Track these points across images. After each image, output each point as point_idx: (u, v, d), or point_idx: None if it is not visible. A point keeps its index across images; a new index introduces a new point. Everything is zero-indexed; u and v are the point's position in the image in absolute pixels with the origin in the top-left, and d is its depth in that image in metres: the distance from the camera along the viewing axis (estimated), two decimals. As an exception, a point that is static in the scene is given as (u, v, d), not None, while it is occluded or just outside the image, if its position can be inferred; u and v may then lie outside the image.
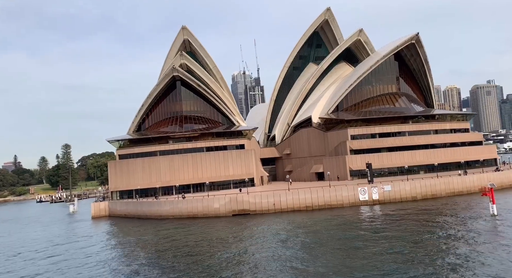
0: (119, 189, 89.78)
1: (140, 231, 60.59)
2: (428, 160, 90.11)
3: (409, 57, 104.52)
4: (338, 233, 46.11)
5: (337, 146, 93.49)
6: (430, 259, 32.34)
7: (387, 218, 53.74)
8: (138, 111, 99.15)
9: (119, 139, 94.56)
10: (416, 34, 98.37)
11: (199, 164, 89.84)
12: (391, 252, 35.36)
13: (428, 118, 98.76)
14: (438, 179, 70.52)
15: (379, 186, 67.88)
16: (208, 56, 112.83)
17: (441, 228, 44.35)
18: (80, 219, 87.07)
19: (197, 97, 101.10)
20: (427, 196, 68.96)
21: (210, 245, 45.28)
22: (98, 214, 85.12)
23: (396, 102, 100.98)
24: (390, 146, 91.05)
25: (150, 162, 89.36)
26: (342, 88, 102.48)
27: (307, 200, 66.71)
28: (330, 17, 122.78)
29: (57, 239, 60.42)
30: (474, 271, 28.55)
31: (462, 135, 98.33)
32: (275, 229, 51.72)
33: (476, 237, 38.68)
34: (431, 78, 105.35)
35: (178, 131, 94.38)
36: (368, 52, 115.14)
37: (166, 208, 72.41)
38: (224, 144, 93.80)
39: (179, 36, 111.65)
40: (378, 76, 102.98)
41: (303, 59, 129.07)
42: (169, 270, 35.93)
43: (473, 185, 72.07)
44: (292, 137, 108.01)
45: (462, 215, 51.30)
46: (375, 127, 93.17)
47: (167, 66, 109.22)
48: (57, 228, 74.75)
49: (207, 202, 68.78)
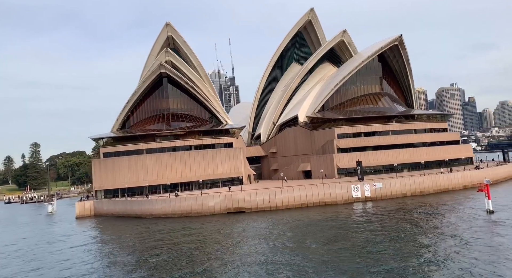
0: (104, 188, 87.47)
1: (135, 230, 59.25)
2: (411, 159, 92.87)
3: (391, 58, 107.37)
4: (342, 231, 46.82)
5: (324, 145, 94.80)
6: (437, 253, 33.47)
7: (387, 213, 55.07)
8: (122, 108, 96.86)
9: (104, 137, 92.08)
10: (400, 36, 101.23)
11: (187, 163, 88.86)
12: (388, 250, 36.31)
13: (410, 118, 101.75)
14: (426, 177, 72.90)
15: (371, 183, 69.40)
16: (192, 53, 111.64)
17: (443, 224, 45.88)
18: (63, 219, 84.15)
19: (183, 95, 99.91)
20: (416, 193, 71.15)
21: (206, 243, 45.02)
22: (83, 214, 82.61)
23: (380, 102, 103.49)
24: (375, 145, 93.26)
25: (136, 160, 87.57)
26: (328, 88, 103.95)
27: (302, 198, 67.35)
28: (314, 17, 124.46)
29: (49, 239, 58.22)
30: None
31: (442, 134, 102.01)
32: (272, 227, 51.97)
33: (478, 231, 40.36)
34: (412, 79, 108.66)
35: (166, 129, 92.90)
36: (351, 53, 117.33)
37: (158, 207, 71.17)
38: (213, 142, 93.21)
39: (163, 33, 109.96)
40: (362, 76, 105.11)
41: (286, 58, 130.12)
42: (168, 268, 35.43)
43: (457, 182, 75.13)
44: (278, 136, 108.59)
45: (459, 210, 53.20)
46: (360, 126, 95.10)
47: (150, 62, 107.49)
48: (44, 229, 71.87)
49: (202, 200, 68.15)
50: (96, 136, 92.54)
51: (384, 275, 28.83)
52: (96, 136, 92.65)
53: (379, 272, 29.38)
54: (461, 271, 28.45)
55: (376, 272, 29.55)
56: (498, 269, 28.22)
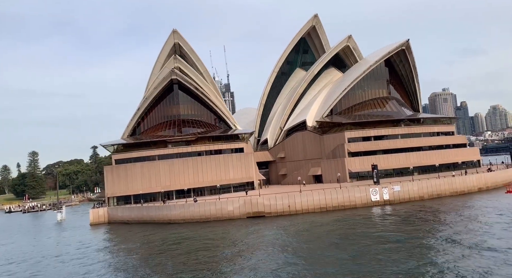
0: (117, 195, 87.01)
1: (156, 236, 58.97)
2: (421, 162, 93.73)
3: (398, 63, 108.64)
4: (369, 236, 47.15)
5: (334, 149, 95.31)
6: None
7: (415, 217, 55.51)
8: (133, 115, 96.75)
9: (116, 144, 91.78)
10: (407, 41, 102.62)
11: (199, 168, 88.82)
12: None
13: (417, 121, 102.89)
14: (442, 180, 73.63)
15: (389, 187, 69.90)
16: (199, 60, 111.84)
17: (479, 224, 46.42)
18: (76, 227, 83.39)
19: (194, 101, 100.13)
20: (433, 195, 71.80)
21: (231, 248, 45.11)
22: (97, 221, 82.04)
23: (387, 106, 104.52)
24: (385, 149, 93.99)
25: (149, 167, 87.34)
26: (335, 93, 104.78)
27: (321, 202, 67.62)
28: (317, 23, 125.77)
29: (76, 245, 57.72)
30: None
31: (450, 137, 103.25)
32: (298, 231, 52.16)
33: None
34: (418, 83, 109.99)
35: (177, 135, 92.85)
36: (356, 58, 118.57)
37: (176, 212, 70.99)
38: (224, 148, 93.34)
39: (170, 40, 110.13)
40: (369, 81, 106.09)
41: (290, 64, 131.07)
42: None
43: (472, 185, 76.01)
44: (286, 141, 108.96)
45: (492, 212, 53.50)
46: (370, 130, 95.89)
47: (157, 69, 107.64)
48: (64, 236, 71.12)
49: (221, 205, 68.14)
50: (107, 143, 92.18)
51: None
52: (108, 143, 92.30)
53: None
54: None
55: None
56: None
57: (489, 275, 28.04)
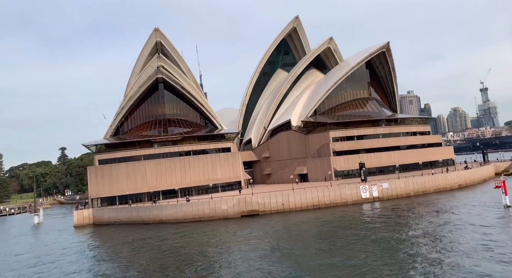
0: (101, 196, 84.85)
1: (152, 236, 58.12)
2: (402, 161, 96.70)
3: (378, 64, 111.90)
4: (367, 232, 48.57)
5: (319, 148, 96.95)
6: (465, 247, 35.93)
7: (407, 212, 57.46)
8: (116, 115, 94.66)
9: (99, 144, 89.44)
10: (387, 43, 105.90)
11: (187, 168, 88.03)
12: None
13: (397, 121, 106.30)
14: (426, 177, 76.56)
15: (378, 184, 71.95)
16: (181, 59, 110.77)
17: (470, 219, 48.74)
18: (58, 229, 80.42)
19: (179, 100, 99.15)
20: (418, 192, 74.52)
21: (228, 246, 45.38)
22: (81, 223, 79.57)
23: (369, 106, 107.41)
24: (368, 148, 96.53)
25: (135, 167, 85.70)
26: (318, 93, 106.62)
27: (314, 199, 68.77)
28: (298, 25, 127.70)
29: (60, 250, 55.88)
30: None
31: (427, 137, 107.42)
32: (300, 228, 52.98)
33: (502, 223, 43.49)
34: (396, 84, 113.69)
35: (163, 134, 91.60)
36: (336, 60, 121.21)
37: (168, 212, 70.11)
38: (211, 147, 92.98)
39: (151, 38, 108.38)
40: (351, 82, 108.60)
41: (272, 65, 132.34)
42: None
43: (454, 181, 79.51)
44: (270, 141, 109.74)
45: (479, 206, 56.14)
46: (353, 130, 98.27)
47: (138, 68, 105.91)
48: (52, 239, 68.53)
49: (214, 204, 67.90)
50: (90, 143, 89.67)
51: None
52: (91, 143, 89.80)
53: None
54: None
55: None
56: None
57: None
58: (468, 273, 28.20)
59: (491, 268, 28.69)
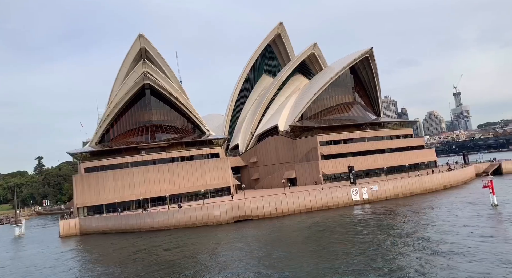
0: (87, 205, 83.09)
1: (148, 244, 57.20)
2: (387, 163, 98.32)
3: (361, 69, 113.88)
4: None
5: (307, 152, 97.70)
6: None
7: (400, 213, 58.44)
8: (101, 122, 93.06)
9: (85, 151, 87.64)
10: (370, 49, 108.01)
11: (175, 175, 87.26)
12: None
13: (382, 125, 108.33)
14: (413, 179, 78.22)
15: (368, 187, 73.01)
16: (166, 65, 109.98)
17: (459, 217, 50.02)
18: (43, 240, 78.08)
19: (166, 106, 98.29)
20: (406, 193, 76.02)
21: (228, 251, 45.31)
22: (67, 233, 77.50)
23: (354, 110, 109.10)
24: (355, 151, 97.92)
25: (122, 175, 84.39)
26: (304, 98, 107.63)
27: (306, 203, 69.19)
28: (282, 31, 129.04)
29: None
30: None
31: (411, 140, 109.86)
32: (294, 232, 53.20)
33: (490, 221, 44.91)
34: (379, 89, 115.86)
35: (151, 141, 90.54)
36: (320, 65, 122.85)
37: (159, 219, 69.16)
38: (200, 153, 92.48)
39: (136, 44, 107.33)
40: (335, 87, 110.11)
41: (256, 70, 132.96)
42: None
43: (439, 183, 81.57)
44: (258, 146, 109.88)
45: (468, 205, 57.66)
46: (340, 134, 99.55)
47: (122, 74, 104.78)
48: (33, 252, 66.45)
49: (207, 210, 67.42)
50: (75, 151, 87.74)
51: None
52: (76, 150, 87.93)
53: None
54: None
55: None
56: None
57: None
58: (465, 271, 28.87)
59: (489, 266, 29.48)
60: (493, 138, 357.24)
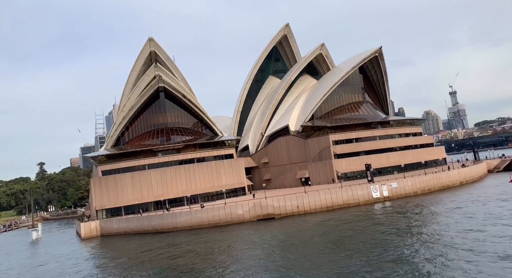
0: (106, 207, 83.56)
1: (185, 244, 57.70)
2: (400, 161, 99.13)
3: (370, 68, 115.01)
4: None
5: (320, 152, 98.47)
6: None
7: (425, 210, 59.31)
8: (117, 125, 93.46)
9: (103, 154, 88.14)
10: (380, 48, 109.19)
11: (192, 176, 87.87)
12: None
13: (392, 123, 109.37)
14: (430, 175, 79.14)
15: (388, 184, 73.85)
16: (176, 68, 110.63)
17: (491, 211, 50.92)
18: (65, 242, 78.45)
19: (179, 108, 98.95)
20: (424, 190, 76.85)
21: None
22: (89, 235, 77.98)
23: (364, 109, 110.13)
24: (367, 150, 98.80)
25: (140, 177, 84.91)
26: (314, 98, 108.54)
27: (328, 201, 69.86)
28: (289, 32, 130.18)
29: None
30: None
31: (421, 138, 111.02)
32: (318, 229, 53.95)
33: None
34: (388, 88, 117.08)
35: (167, 143, 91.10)
36: (328, 65, 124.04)
37: (182, 219, 69.71)
38: (214, 154, 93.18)
39: (145, 48, 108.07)
40: (345, 86, 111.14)
41: (263, 72, 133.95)
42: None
43: (455, 179, 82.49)
44: (269, 146, 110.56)
45: (497, 199, 58.44)
46: (351, 133, 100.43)
47: (132, 78, 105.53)
48: (68, 252, 66.70)
49: (230, 209, 68.06)
50: (94, 154, 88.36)
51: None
52: (94, 154, 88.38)
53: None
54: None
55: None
56: None
57: None
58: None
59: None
60: (492, 136, 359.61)
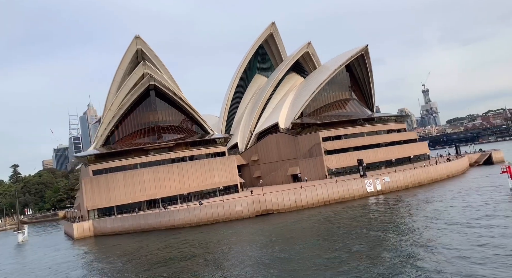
0: (98, 207, 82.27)
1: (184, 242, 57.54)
2: (386, 156, 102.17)
3: (356, 66, 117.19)
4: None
5: (310, 149, 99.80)
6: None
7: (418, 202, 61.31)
8: (106, 124, 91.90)
9: (92, 154, 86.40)
10: (366, 46, 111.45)
11: (185, 174, 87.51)
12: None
13: (374, 120, 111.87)
14: (421, 169, 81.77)
15: (381, 178, 75.79)
16: (163, 66, 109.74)
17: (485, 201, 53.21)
18: (56, 244, 76.65)
19: (170, 107, 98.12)
20: (415, 184, 79.31)
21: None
22: (82, 235, 76.51)
23: (351, 106, 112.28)
24: (355, 146, 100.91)
25: (132, 175, 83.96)
26: (303, 96, 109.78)
27: (324, 196, 71.13)
28: (275, 31, 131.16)
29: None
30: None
31: (406, 134, 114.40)
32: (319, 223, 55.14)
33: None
34: (373, 85, 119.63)
35: (158, 141, 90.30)
36: (314, 64, 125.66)
37: (180, 217, 69.43)
38: (207, 152, 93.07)
39: (132, 46, 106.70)
40: (332, 84, 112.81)
41: (250, 70, 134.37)
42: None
43: (443, 172, 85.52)
44: (259, 144, 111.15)
45: (486, 191, 60.73)
46: (340, 129, 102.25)
47: (119, 76, 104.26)
48: (64, 254, 65.25)
49: (229, 205, 68.31)
50: (83, 154, 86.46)
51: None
52: (83, 154, 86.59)
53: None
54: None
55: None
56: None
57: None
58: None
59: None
60: (463, 132, 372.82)
